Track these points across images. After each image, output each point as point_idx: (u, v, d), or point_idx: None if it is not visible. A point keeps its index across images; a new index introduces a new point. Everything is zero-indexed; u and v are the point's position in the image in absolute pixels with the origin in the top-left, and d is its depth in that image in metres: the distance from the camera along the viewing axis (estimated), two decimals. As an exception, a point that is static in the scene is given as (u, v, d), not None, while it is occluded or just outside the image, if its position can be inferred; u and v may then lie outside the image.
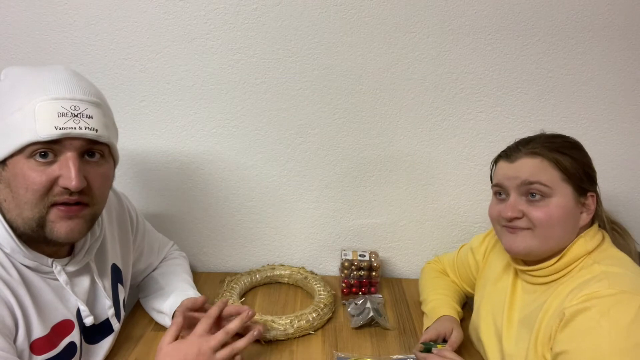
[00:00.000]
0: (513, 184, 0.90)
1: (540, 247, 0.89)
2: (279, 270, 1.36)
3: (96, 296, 0.93)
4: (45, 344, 0.80)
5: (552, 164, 0.87)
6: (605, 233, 0.91)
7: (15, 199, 0.76)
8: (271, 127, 1.30)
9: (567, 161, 0.88)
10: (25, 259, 0.80)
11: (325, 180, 1.35)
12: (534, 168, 0.88)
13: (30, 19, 1.19)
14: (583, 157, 0.91)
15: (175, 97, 1.27)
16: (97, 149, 0.80)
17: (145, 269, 1.17)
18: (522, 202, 0.89)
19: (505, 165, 0.93)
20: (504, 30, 1.22)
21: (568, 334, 0.79)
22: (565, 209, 0.87)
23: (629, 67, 1.24)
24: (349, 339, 1.12)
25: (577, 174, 0.88)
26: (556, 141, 0.91)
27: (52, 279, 0.84)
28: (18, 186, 0.75)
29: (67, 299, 0.86)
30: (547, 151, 0.88)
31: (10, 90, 0.76)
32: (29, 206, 0.76)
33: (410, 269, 1.44)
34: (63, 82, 0.77)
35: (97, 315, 0.92)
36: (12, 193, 0.76)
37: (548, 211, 0.86)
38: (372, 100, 1.27)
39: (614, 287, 0.78)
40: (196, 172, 1.34)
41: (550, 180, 0.87)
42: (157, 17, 1.20)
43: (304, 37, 1.22)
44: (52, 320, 0.83)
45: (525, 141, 0.93)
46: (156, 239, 1.20)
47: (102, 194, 0.84)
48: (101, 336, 0.95)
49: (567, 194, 0.87)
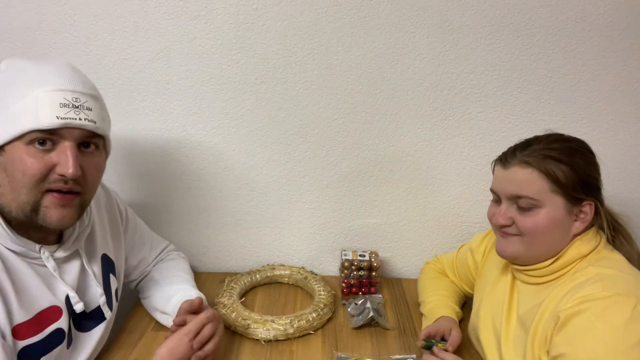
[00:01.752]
0: (503, 193, 0.91)
1: (527, 253, 0.90)
2: (279, 270, 1.36)
3: (87, 284, 0.94)
4: (29, 329, 0.81)
5: (542, 175, 0.86)
6: (602, 235, 0.91)
7: (11, 183, 0.78)
8: (271, 127, 1.30)
9: (561, 171, 0.85)
10: (12, 243, 0.81)
11: (325, 181, 1.35)
12: (523, 180, 0.87)
13: (30, 19, 1.19)
14: (585, 164, 0.87)
15: (175, 97, 1.27)
16: (93, 140, 0.84)
17: (138, 264, 1.17)
18: (513, 209, 0.90)
19: (499, 172, 0.93)
20: (504, 30, 1.22)
21: (564, 337, 0.79)
22: (554, 219, 0.86)
23: (629, 67, 1.24)
24: (349, 339, 1.12)
25: (570, 184, 0.85)
26: (555, 147, 0.88)
27: (39, 264, 0.85)
28: (15, 171, 0.77)
29: (55, 285, 0.87)
30: (540, 160, 0.86)
31: (12, 81, 0.79)
32: (25, 190, 0.78)
33: (410, 269, 1.44)
34: (65, 74, 0.80)
35: (88, 302, 0.93)
36: (9, 177, 0.78)
37: (536, 221, 0.86)
38: (372, 100, 1.27)
39: (608, 290, 0.78)
40: (196, 172, 1.34)
41: (538, 193, 0.86)
42: (157, 17, 1.20)
43: (304, 37, 1.22)
44: (37, 306, 0.83)
45: (523, 145, 0.91)
46: (148, 235, 1.21)
47: (94, 184, 0.88)
48: (92, 323, 0.95)
49: (557, 205, 0.86)
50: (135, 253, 1.16)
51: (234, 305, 1.16)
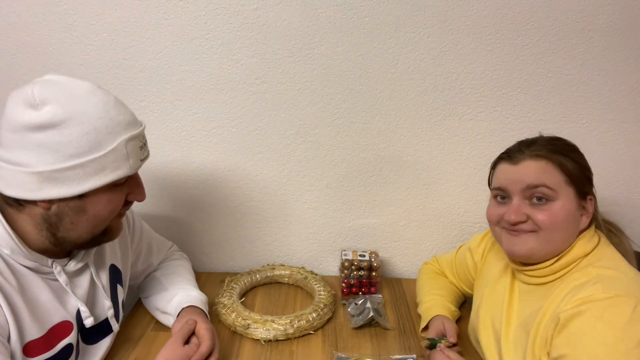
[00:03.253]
0: (517, 188, 0.88)
1: (542, 250, 0.88)
2: (279, 270, 1.36)
3: (95, 296, 0.94)
4: (41, 346, 0.81)
5: (556, 167, 0.86)
6: (601, 234, 0.91)
7: (90, 221, 0.82)
8: (271, 127, 1.30)
9: (570, 164, 0.87)
10: (25, 259, 0.80)
11: (325, 180, 1.36)
12: (539, 171, 0.87)
13: (30, 19, 1.19)
14: (582, 160, 0.90)
15: (175, 97, 1.27)
16: None
17: (144, 270, 1.17)
18: (526, 205, 0.88)
19: (507, 168, 0.91)
20: (504, 30, 1.22)
21: (564, 339, 0.79)
22: (569, 212, 0.86)
23: (629, 67, 1.24)
24: (349, 339, 1.12)
25: (579, 177, 0.87)
26: (557, 144, 0.90)
27: (52, 279, 0.85)
28: (99, 210, 0.81)
29: (66, 300, 0.87)
30: (552, 154, 0.87)
31: (89, 132, 0.76)
32: (103, 224, 0.85)
33: (410, 269, 1.44)
34: (130, 115, 0.83)
35: (96, 315, 0.93)
36: (87, 216, 0.81)
37: (552, 214, 0.86)
38: (372, 100, 1.27)
39: (607, 291, 0.77)
40: (196, 172, 1.34)
41: (556, 184, 0.86)
42: (157, 17, 1.20)
43: (304, 37, 1.22)
44: (49, 322, 0.83)
45: (528, 143, 0.91)
46: (155, 239, 1.20)
47: None
48: (100, 337, 0.95)
49: (570, 197, 0.87)
50: (142, 259, 1.15)
51: (234, 305, 1.16)
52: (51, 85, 0.76)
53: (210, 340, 0.93)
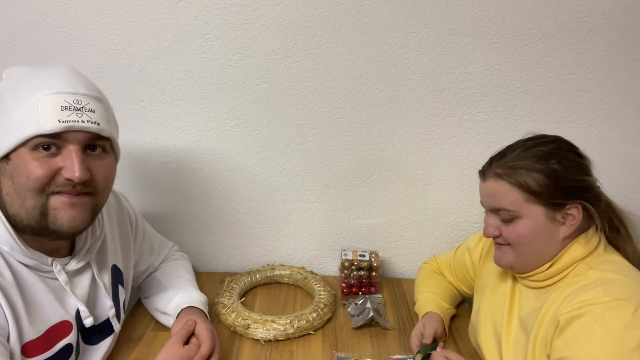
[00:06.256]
0: (486, 206, 0.94)
1: (519, 261, 0.91)
2: (279, 270, 1.36)
3: (97, 296, 0.93)
4: (39, 346, 0.80)
5: (513, 187, 0.86)
6: (602, 236, 0.89)
7: (17, 190, 0.77)
8: (271, 127, 1.30)
9: (533, 180, 0.84)
10: (25, 257, 0.80)
11: (325, 180, 1.35)
12: (498, 193, 0.88)
13: (30, 19, 1.19)
14: (562, 168, 0.85)
15: (175, 97, 1.27)
16: (99, 143, 0.82)
17: (145, 270, 1.17)
18: (497, 220, 0.91)
19: (480, 184, 0.94)
20: (504, 30, 1.22)
21: (563, 341, 0.79)
22: (535, 228, 0.86)
23: (629, 67, 1.24)
24: (349, 339, 1.12)
25: (545, 192, 0.84)
26: (528, 155, 0.86)
27: (51, 278, 0.84)
28: (20, 176, 0.76)
29: (65, 300, 0.86)
30: (513, 171, 0.86)
31: (13, 88, 0.78)
32: (30, 194, 0.76)
33: (410, 269, 1.44)
34: (65, 77, 0.78)
35: (97, 315, 0.92)
36: (14, 184, 0.77)
37: (517, 231, 0.88)
38: (372, 100, 1.27)
39: (608, 295, 0.77)
40: (196, 172, 1.34)
41: (513, 204, 0.86)
42: (157, 17, 1.20)
43: (304, 37, 1.22)
44: (48, 322, 0.82)
45: (499, 156, 0.91)
46: (156, 240, 1.20)
47: (106, 186, 0.85)
48: (100, 337, 0.94)
49: (535, 214, 0.86)
50: (144, 259, 1.15)
51: (234, 305, 1.16)
52: (29, 65, 0.81)
53: (210, 341, 0.93)
